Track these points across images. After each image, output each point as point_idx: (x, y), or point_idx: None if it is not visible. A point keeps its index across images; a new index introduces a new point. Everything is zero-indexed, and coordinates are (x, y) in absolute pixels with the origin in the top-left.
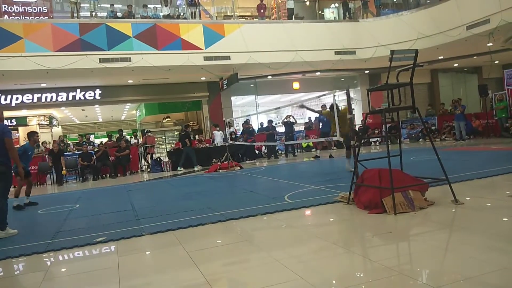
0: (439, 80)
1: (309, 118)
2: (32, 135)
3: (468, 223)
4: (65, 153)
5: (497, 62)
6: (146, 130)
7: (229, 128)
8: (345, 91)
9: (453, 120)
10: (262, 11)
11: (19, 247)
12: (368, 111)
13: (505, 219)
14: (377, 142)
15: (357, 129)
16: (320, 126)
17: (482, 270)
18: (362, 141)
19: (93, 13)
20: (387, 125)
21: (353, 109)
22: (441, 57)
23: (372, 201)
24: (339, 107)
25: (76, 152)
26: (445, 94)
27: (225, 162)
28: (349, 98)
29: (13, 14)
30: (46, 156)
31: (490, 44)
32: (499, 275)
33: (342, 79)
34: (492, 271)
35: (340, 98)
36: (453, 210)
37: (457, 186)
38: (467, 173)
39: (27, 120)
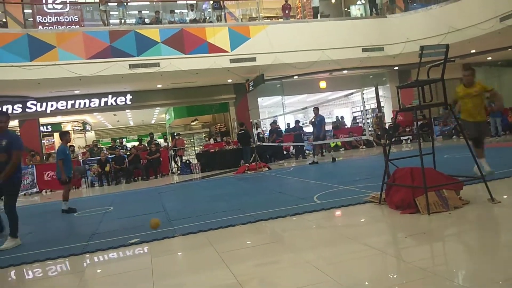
0: None
1: (337, 117)
2: (64, 134)
3: (505, 222)
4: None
5: None
6: (175, 133)
7: (256, 129)
8: (374, 88)
9: (488, 116)
10: (287, 11)
11: (57, 249)
12: (398, 108)
13: None
14: (409, 140)
15: (387, 127)
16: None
17: None
18: (393, 139)
19: (122, 20)
20: (419, 123)
21: (383, 107)
22: (473, 51)
23: (405, 201)
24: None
25: (110, 156)
26: None
27: (253, 163)
28: (377, 96)
29: (47, 24)
30: (82, 161)
31: None
32: None
33: (371, 77)
34: None
35: (368, 95)
36: (490, 209)
37: (493, 184)
38: (503, 171)
39: (62, 126)
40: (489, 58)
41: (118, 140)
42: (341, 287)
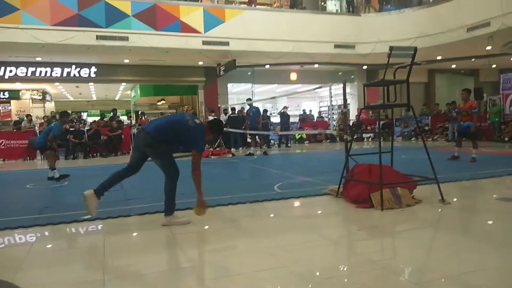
0: (436, 80)
1: (304, 110)
2: (64, 115)
3: (453, 223)
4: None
5: (494, 66)
6: (140, 111)
7: (225, 115)
8: (342, 85)
9: (447, 121)
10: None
11: (5, 220)
12: (363, 106)
13: (490, 222)
14: (370, 139)
15: (351, 124)
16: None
17: (462, 269)
18: (355, 136)
19: None
20: (381, 122)
21: (349, 104)
22: (440, 57)
23: (361, 196)
24: None
25: (69, 129)
26: (440, 94)
27: (217, 149)
28: (345, 92)
29: None
30: (39, 131)
31: (489, 47)
32: (479, 275)
33: (340, 73)
34: (473, 270)
35: (336, 92)
36: (440, 209)
37: (446, 186)
38: (456, 174)
39: (20, 93)
40: (454, 66)
41: (76, 114)
42: (294, 274)
